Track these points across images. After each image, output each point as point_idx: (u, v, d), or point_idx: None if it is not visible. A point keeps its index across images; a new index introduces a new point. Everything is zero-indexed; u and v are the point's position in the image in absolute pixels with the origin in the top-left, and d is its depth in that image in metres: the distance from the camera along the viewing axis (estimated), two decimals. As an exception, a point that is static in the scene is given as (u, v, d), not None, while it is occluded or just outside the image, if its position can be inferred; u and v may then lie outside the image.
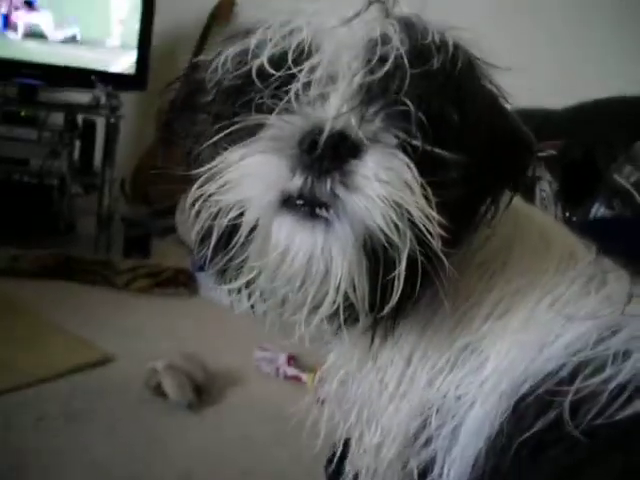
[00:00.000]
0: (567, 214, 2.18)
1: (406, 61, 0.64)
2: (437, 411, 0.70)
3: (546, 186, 2.30)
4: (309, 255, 0.64)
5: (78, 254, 2.95)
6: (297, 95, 0.66)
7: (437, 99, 0.65)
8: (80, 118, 3.33)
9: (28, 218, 3.21)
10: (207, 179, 0.68)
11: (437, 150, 0.65)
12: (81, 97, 3.29)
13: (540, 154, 2.31)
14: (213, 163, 0.68)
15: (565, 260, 0.76)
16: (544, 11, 2.83)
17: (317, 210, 0.64)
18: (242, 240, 0.68)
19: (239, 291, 0.75)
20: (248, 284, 0.72)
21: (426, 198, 0.62)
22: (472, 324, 0.71)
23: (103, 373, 2.13)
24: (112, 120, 3.21)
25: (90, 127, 3.33)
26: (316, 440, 0.89)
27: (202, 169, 0.69)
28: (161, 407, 1.95)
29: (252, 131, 0.68)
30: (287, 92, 0.67)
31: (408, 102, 0.64)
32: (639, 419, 0.59)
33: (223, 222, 0.68)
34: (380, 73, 0.64)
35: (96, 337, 2.30)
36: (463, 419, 0.68)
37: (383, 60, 0.65)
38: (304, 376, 2.10)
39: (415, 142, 0.64)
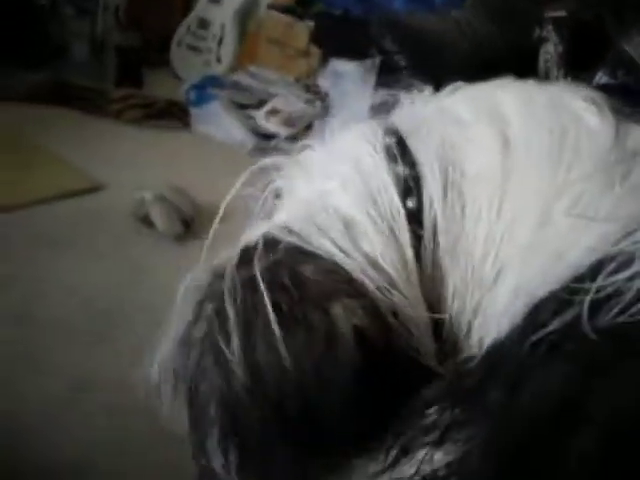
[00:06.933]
0: (569, 80, 2.14)
1: None
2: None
3: (551, 48, 2.25)
4: None
5: (69, 80, 2.89)
6: None
7: None
8: None
9: (18, 38, 3.12)
10: None
11: None
12: None
13: (549, 14, 2.25)
14: None
15: (576, 141, 0.63)
16: None
17: None
18: None
19: None
20: None
21: None
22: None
23: (92, 201, 2.14)
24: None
25: (85, -55, 3.18)
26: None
27: None
28: (148, 238, 1.97)
29: None
30: None
31: None
32: None
33: None
34: None
35: (86, 165, 2.30)
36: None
37: None
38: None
39: None
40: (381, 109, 0.71)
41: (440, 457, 0.54)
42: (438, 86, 0.70)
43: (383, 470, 0.57)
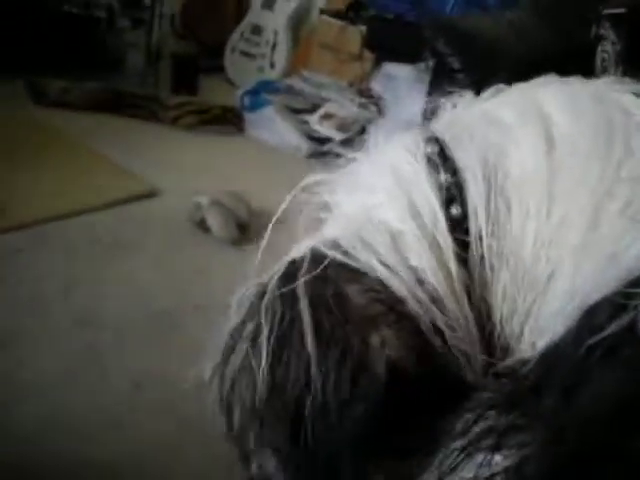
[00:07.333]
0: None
1: None
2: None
3: (608, 47, 2.21)
4: None
5: (126, 89, 2.95)
6: None
7: None
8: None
9: (76, 50, 3.19)
10: None
11: None
12: None
13: (607, 11, 2.21)
14: None
15: (625, 137, 0.60)
16: None
17: None
18: None
19: None
20: None
21: None
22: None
23: (150, 206, 2.19)
24: (163, -50, 3.12)
25: (140, -42, 3.25)
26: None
27: None
28: (205, 242, 2.00)
29: None
30: None
31: None
32: None
33: None
34: None
35: (143, 171, 2.34)
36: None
37: None
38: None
39: None
40: (432, 113, 0.71)
41: (499, 461, 0.53)
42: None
43: (441, 475, 0.55)
